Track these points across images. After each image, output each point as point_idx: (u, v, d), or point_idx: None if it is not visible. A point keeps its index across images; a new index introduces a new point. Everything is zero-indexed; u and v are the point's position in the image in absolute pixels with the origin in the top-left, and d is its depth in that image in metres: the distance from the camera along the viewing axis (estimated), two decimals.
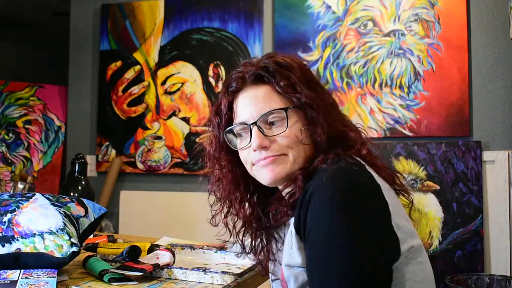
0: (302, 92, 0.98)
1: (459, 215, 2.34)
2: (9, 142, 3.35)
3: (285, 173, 0.97)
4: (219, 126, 1.05)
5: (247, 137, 1.00)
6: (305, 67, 1.04)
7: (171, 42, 2.95)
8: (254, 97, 1.00)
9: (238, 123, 1.01)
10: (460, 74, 2.41)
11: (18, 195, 1.26)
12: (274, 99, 0.99)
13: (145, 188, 2.97)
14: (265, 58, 1.03)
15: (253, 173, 1.02)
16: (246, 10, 2.80)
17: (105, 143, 3.04)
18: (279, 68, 0.99)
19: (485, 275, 2.13)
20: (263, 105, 0.98)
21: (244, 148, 1.01)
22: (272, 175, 0.98)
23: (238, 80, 1.02)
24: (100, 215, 1.37)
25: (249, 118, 0.99)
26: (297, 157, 0.97)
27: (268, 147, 0.97)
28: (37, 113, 3.40)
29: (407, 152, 2.42)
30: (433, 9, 2.46)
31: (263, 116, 0.98)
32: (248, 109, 1.00)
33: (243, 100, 1.01)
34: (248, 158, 1.01)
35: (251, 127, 0.98)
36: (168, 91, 2.93)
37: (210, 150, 1.08)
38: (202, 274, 1.15)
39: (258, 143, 0.97)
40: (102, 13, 3.10)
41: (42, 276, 1.06)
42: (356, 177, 0.89)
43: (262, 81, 1.00)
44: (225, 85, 1.05)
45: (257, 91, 1.00)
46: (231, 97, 1.03)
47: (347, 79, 2.58)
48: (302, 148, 0.97)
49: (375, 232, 0.84)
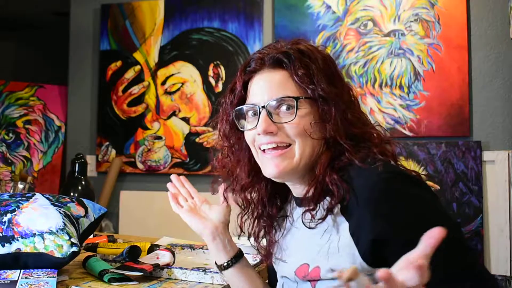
0: (319, 84, 0.95)
1: (459, 215, 2.34)
2: (9, 142, 3.35)
3: (290, 169, 0.95)
4: (231, 104, 1.03)
5: (255, 119, 0.97)
6: (329, 59, 1.02)
7: (171, 42, 2.95)
8: (269, 80, 0.98)
9: (249, 104, 0.99)
10: (460, 74, 2.41)
11: (18, 195, 1.26)
12: (289, 86, 0.96)
13: (145, 188, 2.97)
14: (290, 43, 1.01)
15: (259, 160, 1.00)
16: (246, 10, 2.80)
17: (105, 143, 3.04)
18: (300, 56, 0.97)
19: None
20: (277, 90, 0.96)
21: (251, 130, 0.99)
22: (277, 170, 0.95)
23: (258, 61, 0.99)
24: (100, 215, 1.37)
25: (260, 101, 0.97)
26: (303, 151, 0.95)
27: (275, 133, 0.95)
28: (37, 113, 3.40)
29: (407, 152, 2.42)
30: (433, 9, 2.46)
31: (274, 101, 0.95)
32: (260, 92, 0.97)
33: (258, 82, 0.99)
34: (253, 141, 0.99)
35: (260, 110, 0.96)
36: (168, 91, 2.93)
37: (221, 127, 1.06)
38: (202, 274, 1.15)
39: (264, 128, 0.94)
40: (102, 13, 3.10)
41: (42, 276, 1.06)
42: (406, 171, 0.92)
43: (281, 66, 0.97)
44: (244, 64, 1.03)
45: (274, 75, 0.97)
46: (247, 77, 1.01)
47: (347, 79, 2.57)
48: (310, 142, 0.95)
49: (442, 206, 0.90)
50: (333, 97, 0.95)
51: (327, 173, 0.93)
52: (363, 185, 0.87)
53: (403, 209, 0.84)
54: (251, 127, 0.98)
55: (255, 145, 0.99)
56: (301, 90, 0.96)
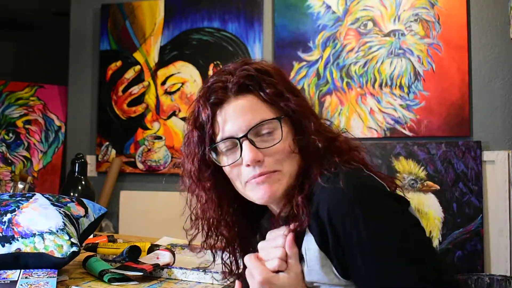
0: (290, 99, 0.92)
1: (459, 215, 2.34)
2: (9, 142, 3.35)
3: (282, 190, 0.92)
4: (202, 142, 0.95)
5: (235, 152, 0.92)
6: (283, 72, 0.99)
7: (171, 42, 2.95)
8: (240, 109, 0.91)
9: (225, 138, 0.92)
10: (460, 74, 2.41)
11: (18, 195, 1.26)
12: (262, 108, 0.91)
13: (145, 188, 2.97)
14: (242, 64, 0.96)
15: (246, 192, 0.94)
16: (246, 10, 2.80)
17: (105, 143, 3.04)
18: (262, 75, 0.93)
19: (485, 275, 2.13)
20: (251, 116, 0.90)
21: (234, 165, 0.93)
22: (269, 193, 0.91)
23: (219, 91, 0.93)
24: (100, 215, 1.37)
25: (237, 131, 0.91)
26: (291, 171, 0.92)
27: (262, 161, 0.90)
28: (37, 113, 3.40)
29: (407, 152, 2.42)
30: (433, 9, 2.46)
31: (254, 128, 0.90)
32: (235, 122, 0.91)
33: (228, 113, 0.92)
34: (239, 176, 0.93)
35: (240, 141, 0.90)
36: (168, 91, 2.93)
37: (190, 168, 0.98)
38: (202, 274, 1.15)
39: (252, 157, 0.89)
40: (102, 13, 3.10)
41: (42, 276, 1.06)
42: (368, 180, 0.88)
43: (247, 91, 0.92)
44: (204, 96, 0.95)
45: (242, 101, 0.92)
46: (213, 110, 0.93)
47: (347, 79, 2.58)
48: (295, 160, 0.92)
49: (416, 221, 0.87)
50: (304, 108, 0.94)
51: (295, 196, 0.90)
52: (321, 199, 0.85)
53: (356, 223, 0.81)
54: (233, 161, 0.92)
55: (241, 179, 0.93)
56: (275, 109, 0.92)
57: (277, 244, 0.89)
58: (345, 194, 0.83)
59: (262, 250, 0.91)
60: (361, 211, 0.81)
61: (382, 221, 0.82)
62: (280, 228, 0.90)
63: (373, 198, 0.84)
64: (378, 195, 0.85)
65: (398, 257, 0.80)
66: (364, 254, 0.81)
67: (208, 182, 0.98)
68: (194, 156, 0.97)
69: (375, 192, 0.86)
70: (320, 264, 0.86)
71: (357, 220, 0.81)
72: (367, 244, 0.80)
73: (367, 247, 0.80)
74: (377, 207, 0.83)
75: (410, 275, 0.78)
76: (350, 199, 0.82)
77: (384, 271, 0.80)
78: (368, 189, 0.85)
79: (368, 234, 0.80)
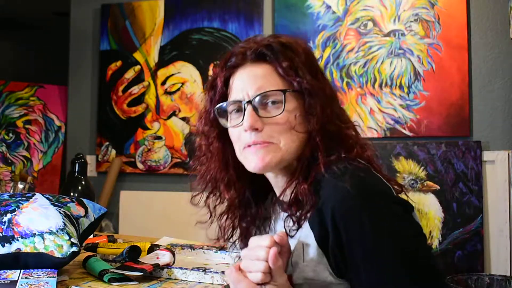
0: (304, 77, 0.92)
1: (459, 215, 2.34)
2: (9, 142, 3.35)
3: (275, 162, 0.92)
4: (212, 101, 0.99)
5: (240, 115, 0.94)
6: (310, 52, 1.00)
7: (171, 42, 2.95)
8: (253, 75, 0.94)
9: (233, 101, 0.95)
10: (460, 74, 2.41)
11: (18, 195, 1.26)
12: (274, 80, 0.93)
13: (145, 188, 2.97)
14: (270, 37, 0.98)
15: (241, 158, 0.96)
16: (246, 10, 2.80)
17: (105, 143, 3.04)
18: (283, 49, 0.94)
19: (485, 275, 2.13)
20: (261, 84, 0.93)
21: (236, 126, 0.95)
22: (262, 163, 0.92)
23: (239, 56, 0.96)
24: (100, 215, 1.37)
25: (244, 96, 0.93)
26: (288, 146, 0.92)
27: (260, 129, 0.91)
28: (37, 113, 3.40)
29: (407, 152, 2.42)
30: (433, 9, 2.46)
31: (260, 95, 0.92)
32: (244, 87, 0.94)
33: (241, 77, 0.95)
34: (238, 139, 0.95)
35: (245, 106, 0.92)
36: (168, 91, 2.93)
37: (199, 125, 1.02)
38: (202, 274, 1.15)
39: (250, 123, 0.91)
40: (102, 13, 3.10)
41: (42, 276, 1.06)
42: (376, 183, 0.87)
43: (264, 60, 0.94)
44: (224, 59, 0.98)
45: (257, 69, 0.94)
46: (228, 73, 0.97)
47: (347, 79, 2.58)
48: (295, 136, 0.92)
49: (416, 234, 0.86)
50: (317, 90, 0.93)
51: (300, 182, 0.90)
52: (327, 197, 0.85)
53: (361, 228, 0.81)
54: (235, 124, 0.95)
55: (239, 144, 0.95)
56: (286, 83, 0.93)
57: (259, 257, 0.84)
58: (351, 196, 0.82)
59: (245, 259, 0.87)
60: (367, 215, 0.81)
61: (386, 228, 0.82)
62: (263, 237, 0.86)
63: (379, 203, 0.84)
64: (385, 200, 0.85)
65: (398, 265, 0.80)
66: (365, 258, 0.81)
67: (215, 142, 1.00)
68: (204, 115, 1.01)
69: (382, 196, 0.85)
70: (316, 261, 0.87)
71: (362, 223, 0.81)
72: (369, 249, 0.81)
73: (369, 252, 0.81)
74: (382, 213, 0.83)
75: (408, 284, 0.79)
76: (357, 201, 0.82)
77: (383, 277, 0.80)
78: (375, 193, 0.85)
79: (372, 239, 0.81)
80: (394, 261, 0.80)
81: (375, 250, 0.81)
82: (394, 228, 0.82)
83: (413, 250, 0.82)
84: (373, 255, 0.81)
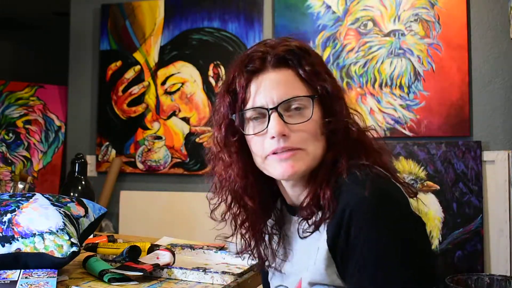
0: (326, 81, 0.91)
1: (459, 215, 2.34)
2: (9, 142, 3.35)
3: (305, 169, 0.90)
4: (233, 107, 0.94)
5: (262, 123, 0.91)
6: (320, 56, 1.00)
7: (171, 42, 2.95)
8: (275, 80, 0.91)
9: (255, 107, 0.91)
10: (460, 74, 2.41)
11: (18, 195, 1.26)
12: (298, 85, 0.91)
13: (145, 188, 2.97)
14: (283, 40, 0.96)
15: (264, 166, 0.93)
16: (246, 10, 2.80)
17: (105, 143, 3.04)
18: (303, 53, 0.93)
19: (485, 275, 2.13)
20: (286, 90, 0.90)
21: (259, 134, 0.91)
22: (292, 170, 0.89)
23: (257, 60, 0.93)
24: (100, 215, 1.37)
25: (268, 102, 0.90)
26: (316, 153, 0.90)
27: (288, 136, 0.89)
28: (37, 113, 3.40)
29: (407, 152, 2.42)
30: (433, 9, 2.46)
31: (286, 102, 0.89)
32: (268, 93, 0.90)
33: (263, 83, 0.91)
34: (261, 147, 0.91)
35: (269, 113, 0.89)
36: (168, 91, 2.93)
37: (218, 132, 0.97)
38: (202, 274, 1.15)
39: (279, 130, 0.88)
40: (102, 13, 3.10)
41: (42, 276, 1.06)
42: (395, 195, 0.86)
43: (286, 65, 0.92)
44: (243, 63, 0.95)
45: (279, 74, 0.91)
46: (248, 78, 0.93)
47: (347, 79, 2.58)
48: (320, 142, 0.91)
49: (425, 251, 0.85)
50: (338, 94, 0.93)
51: (323, 187, 0.89)
52: (346, 203, 0.84)
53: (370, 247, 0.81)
54: (258, 131, 0.92)
55: (262, 151, 0.92)
56: (310, 88, 0.91)
57: None
58: (370, 203, 0.82)
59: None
60: (382, 222, 0.81)
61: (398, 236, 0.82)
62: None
63: (395, 213, 0.83)
64: (402, 212, 0.85)
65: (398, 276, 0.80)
66: (363, 266, 0.81)
67: (234, 148, 0.96)
68: (222, 121, 0.96)
69: (400, 207, 0.85)
70: (325, 264, 0.86)
71: (372, 232, 0.81)
72: (369, 258, 0.81)
73: (369, 261, 0.81)
74: (398, 223, 0.83)
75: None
76: (374, 208, 0.82)
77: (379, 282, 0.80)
78: (394, 203, 0.85)
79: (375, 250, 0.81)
80: (391, 274, 0.80)
81: (374, 259, 0.80)
82: (405, 238, 0.82)
83: (418, 265, 0.82)
84: (371, 264, 0.81)
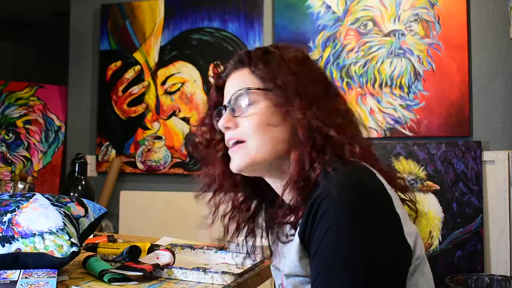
0: (279, 76, 0.92)
1: (459, 215, 2.34)
2: (9, 142, 3.35)
3: (249, 163, 0.93)
4: (209, 108, 1.06)
5: None
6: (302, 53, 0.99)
7: (171, 42, 2.95)
8: (232, 79, 0.99)
9: (220, 107, 1.01)
10: (460, 74, 2.41)
11: (18, 195, 1.26)
12: (250, 80, 0.96)
13: (145, 188, 2.97)
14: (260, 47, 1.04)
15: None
16: (246, 10, 2.80)
17: (105, 143, 3.04)
18: (262, 54, 0.97)
19: (485, 275, 2.13)
20: (237, 86, 0.97)
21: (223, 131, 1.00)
22: (237, 164, 0.95)
23: (226, 67, 1.02)
24: (100, 215, 1.36)
25: (226, 99, 0.99)
26: (260, 146, 0.92)
27: (233, 128, 0.95)
28: (37, 113, 3.40)
29: (407, 152, 2.42)
30: (433, 9, 2.46)
31: (232, 96, 0.96)
32: (227, 92, 0.99)
33: (226, 83, 1.01)
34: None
35: (225, 109, 0.98)
36: (168, 91, 2.93)
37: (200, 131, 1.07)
38: (202, 274, 1.15)
39: (221, 123, 0.96)
40: (102, 13, 3.10)
41: (42, 276, 1.06)
42: (368, 186, 0.83)
43: (242, 65, 0.98)
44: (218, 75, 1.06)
45: (236, 73, 0.99)
46: (220, 82, 1.03)
47: (347, 79, 2.58)
48: (269, 137, 0.91)
49: (389, 247, 0.80)
50: (294, 88, 0.91)
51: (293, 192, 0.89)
52: (315, 198, 0.83)
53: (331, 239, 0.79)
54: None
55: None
56: (261, 83, 0.95)
57: None
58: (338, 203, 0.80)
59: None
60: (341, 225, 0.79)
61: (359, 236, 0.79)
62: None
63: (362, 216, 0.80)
64: (369, 213, 0.81)
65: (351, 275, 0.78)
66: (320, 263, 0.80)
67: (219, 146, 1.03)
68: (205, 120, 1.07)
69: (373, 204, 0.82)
70: (299, 256, 0.87)
71: (331, 231, 0.79)
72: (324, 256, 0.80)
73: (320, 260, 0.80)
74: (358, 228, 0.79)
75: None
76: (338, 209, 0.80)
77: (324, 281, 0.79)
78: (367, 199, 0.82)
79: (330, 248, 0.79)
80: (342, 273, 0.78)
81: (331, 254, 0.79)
82: (364, 240, 0.79)
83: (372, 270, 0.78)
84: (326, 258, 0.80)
